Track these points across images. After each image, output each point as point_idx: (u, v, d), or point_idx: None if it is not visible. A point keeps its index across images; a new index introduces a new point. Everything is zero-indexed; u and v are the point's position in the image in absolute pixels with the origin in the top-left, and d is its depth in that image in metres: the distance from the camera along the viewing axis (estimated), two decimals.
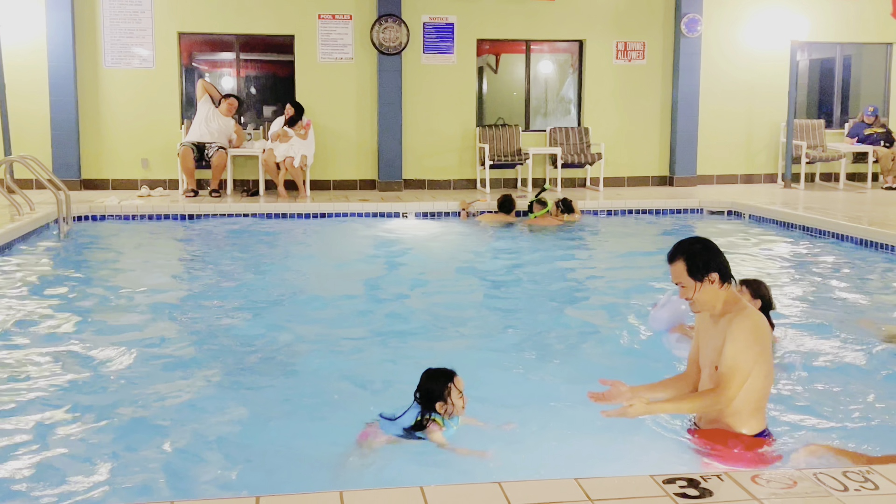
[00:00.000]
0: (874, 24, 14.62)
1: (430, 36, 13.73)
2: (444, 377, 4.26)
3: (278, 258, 9.39)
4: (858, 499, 2.96)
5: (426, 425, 4.17)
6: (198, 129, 12.71)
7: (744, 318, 3.89)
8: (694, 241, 4.09)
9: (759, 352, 3.86)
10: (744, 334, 3.84)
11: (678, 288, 4.07)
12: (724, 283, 3.97)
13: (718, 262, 4.00)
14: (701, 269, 3.96)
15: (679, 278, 4.00)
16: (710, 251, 4.03)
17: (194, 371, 5.43)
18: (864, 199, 12.50)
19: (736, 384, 3.81)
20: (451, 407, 4.21)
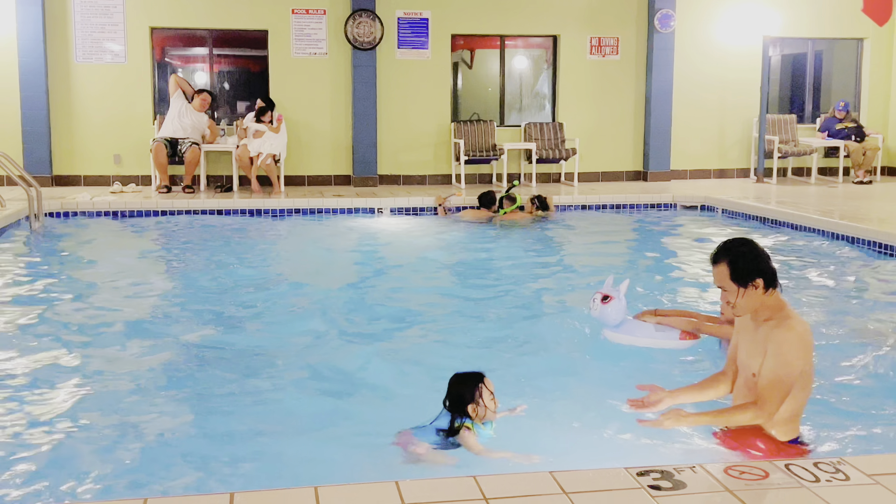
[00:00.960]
0: (845, 20, 14.75)
1: (405, 31, 13.71)
2: (474, 379, 4.11)
3: (252, 254, 9.34)
4: (830, 489, 2.99)
5: (459, 431, 4.00)
6: (171, 125, 12.63)
7: (788, 329, 3.70)
8: (740, 244, 3.90)
9: (802, 365, 3.71)
10: (788, 346, 3.68)
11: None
12: (768, 289, 3.80)
13: (764, 267, 3.81)
14: (745, 274, 3.79)
15: (721, 282, 3.84)
16: (757, 255, 3.84)
17: (164, 368, 5.39)
18: (836, 194, 12.62)
19: (778, 399, 3.68)
20: (482, 409, 4.05)
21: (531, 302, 7.31)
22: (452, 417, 4.05)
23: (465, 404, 4.05)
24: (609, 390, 4.85)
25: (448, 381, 4.16)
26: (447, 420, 4.06)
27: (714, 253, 3.90)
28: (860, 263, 8.57)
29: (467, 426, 4.01)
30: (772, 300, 3.83)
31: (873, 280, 7.94)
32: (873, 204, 11.37)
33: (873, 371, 5.25)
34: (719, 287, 3.88)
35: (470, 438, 3.98)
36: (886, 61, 15.10)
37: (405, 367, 5.51)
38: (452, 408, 4.08)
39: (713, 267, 3.89)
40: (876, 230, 9.07)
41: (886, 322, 6.41)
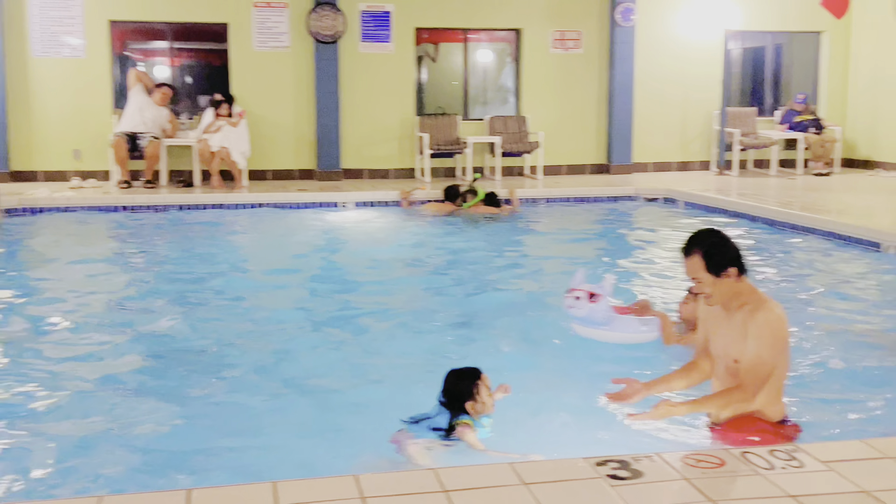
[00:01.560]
0: (804, 14, 14.91)
1: (368, 24, 13.65)
2: (472, 376, 4.06)
3: (214, 250, 9.27)
4: (784, 476, 3.02)
5: (457, 428, 3.94)
6: (131, 119, 12.48)
7: (767, 312, 3.78)
8: (711, 235, 3.94)
9: (782, 346, 3.82)
10: (769, 330, 3.76)
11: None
12: (740, 276, 3.86)
13: (736, 255, 3.87)
14: (719, 264, 3.83)
15: (695, 273, 3.86)
16: (728, 244, 3.90)
17: (122, 364, 5.34)
18: (796, 185, 12.77)
19: (761, 381, 3.76)
20: (480, 406, 4.01)
21: (495, 294, 7.32)
22: (451, 415, 3.98)
23: (463, 401, 4.00)
24: (573, 382, 4.89)
25: (444, 378, 4.09)
26: (445, 418, 3.99)
27: (685, 245, 3.92)
28: (819, 254, 8.68)
29: (466, 423, 3.96)
30: (744, 286, 3.89)
31: (830, 270, 8.05)
32: (832, 195, 11.52)
33: (828, 359, 5.32)
34: (693, 279, 3.90)
35: (471, 436, 3.92)
36: (844, 54, 15.29)
37: (370, 360, 5.51)
38: (450, 405, 4.01)
39: (686, 259, 3.90)
40: (835, 221, 9.20)
41: (843, 311, 6.50)
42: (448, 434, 3.95)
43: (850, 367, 5.18)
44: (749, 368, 3.76)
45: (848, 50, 15.28)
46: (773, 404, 3.88)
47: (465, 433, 3.93)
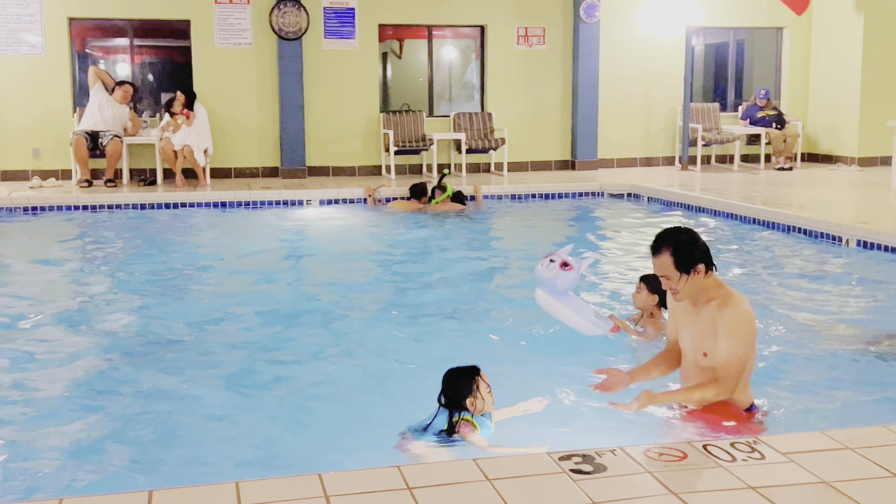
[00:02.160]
0: (765, 10, 15.05)
1: (331, 21, 13.59)
2: (470, 372, 4.02)
3: (177, 249, 9.19)
4: (745, 468, 3.04)
5: (457, 428, 3.90)
6: (91, 118, 12.33)
7: (735, 307, 3.88)
8: (679, 232, 4.00)
9: (753, 339, 3.93)
10: (740, 326, 3.86)
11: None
12: (707, 272, 3.94)
13: (704, 252, 3.94)
14: (688, 261, 3.90)
15: (665, 271, 3.93)
16: (696, 241, 3.96)
17: (84, 364, 5.27)
18: (758, 180, 12.89)
19: (738, 375, 3.87)
20: (480, 402, 3.96)
21: (463, 290, 7.33)
22: (450, 413, 3.94)
23: (462, 398, 3.96)
24: (541, 377, 4.89)
25: (442, 378, 4.05)
26: (445, 417, 3.95)
27: (654, 244, 3.98)
28: (781, 247, 8.77)
29: (467, 419, 3.92)
30: (710, 282, 3.97)
31: (792, 263, 8.14)
32: (794, 190, 11.65)
33: (788, 351, 5.38)
34: (662, 276, 3.96)
35: (473, 434, 3.89)
36: (805, 50, 15.46)
37: (335, 359, 5.48)
38: (450, 404, 3.97)
39: (655, 257, 3.96)
40: (796, 215, 9.30)
41: (804, 304, 6.58)
42: (450, 433, 3.90)
43: (810, 359, 5.24)
44: (724, 365, 3.86)
45: (809, 46, 15.45)
46: (742, 392, 4.00)
47: (467, 432, 3.90)
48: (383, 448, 3.94)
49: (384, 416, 4.46)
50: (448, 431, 3.91)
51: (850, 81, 14.65)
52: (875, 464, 3.08)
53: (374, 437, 4.18)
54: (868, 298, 6.81)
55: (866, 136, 14.54)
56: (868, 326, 6.01)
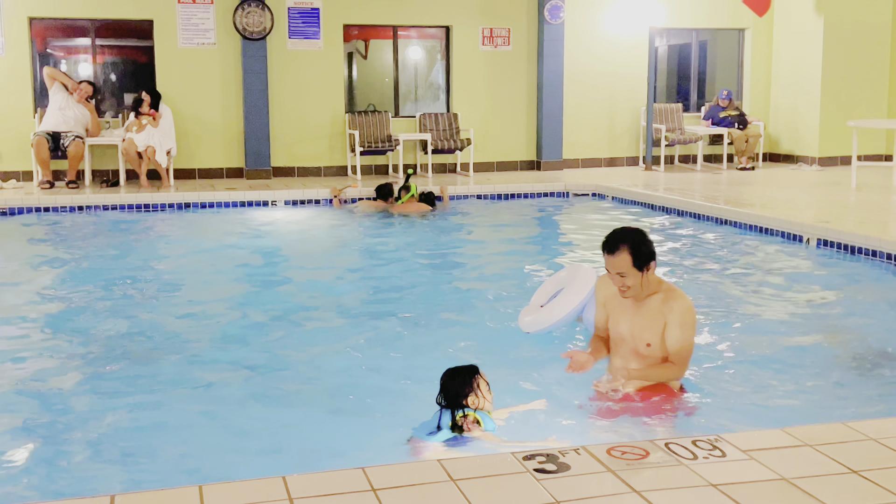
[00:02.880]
0: (727, 11, 15.22)
1: (296, 21, 13.53)
2: (470, 371, 4.04)
3: (141, 251, 9.11)
4: (707, 466, 3.08)
5: (465, 426, 3.89)
6: (52, 118, 12.18)
7: (682, 300, 4.23)
8: (634, 232, 4.21)
9: (696, 327, 4.40)
10: (689, 315, 4.24)
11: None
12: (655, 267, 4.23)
13: (654, 249, 4.21)
14: (644, 259, 4.14)
15: (623, 268, 4.12)
16: (649, 240, 4.21)
17: (45, 368, 5.21)
18: (720, 180, 13.03)
19: (690, 356, 4.31)
20: (481, 400, 3.98)
21: (428, 290, 7.33)
22: (452, 413, 3.93)
23: (464, 397, 3.97)
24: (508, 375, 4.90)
25: (441, 378, 4.04)
26: (449, 417, 3.93)
27: (611, 243, 4.15)
28: (743, 246, 8.87)
29: (470, 415, 3.93)
30: (653, 277, 4.27)
31: (754, 262, 8.24)
32: (755, 189, 11.78)
33: (749, 349, 5.44)
34: (619, 274, 4.15)
35: (481, 430, 3.91)
36: (766, 51, 15.65)
37: (301, 361, 5.46)
38: (451, 403, 3.97)
39: (612, 256, 4.13)
40: (758, 214, 9.41)
41: (765, 302, 6.66)
42: (457, 432, 3.90)
43: (771, 357, 5.31)
44: (680, 350, 4.22)
45: (770, 47, 15.63)
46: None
47: (474, 429, 3.91)
48: (346, 453, 3.94)
49: (350, 420, 4.45)
50: (455, 430, 3.91)
51: (811, 82, 14.85)
52: (834, 460, 3.13)
53: (340, 441, 4.18)
54: (828, 296, 6.90)
55: (827, 137, 14.75)
56: (827, 324, 6.10)
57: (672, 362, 4.24)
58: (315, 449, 4.11)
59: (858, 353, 5.38)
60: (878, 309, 6.47)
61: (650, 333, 4.24)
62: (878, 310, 6.44)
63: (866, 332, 5.86)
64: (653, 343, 4.24)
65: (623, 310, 4.32)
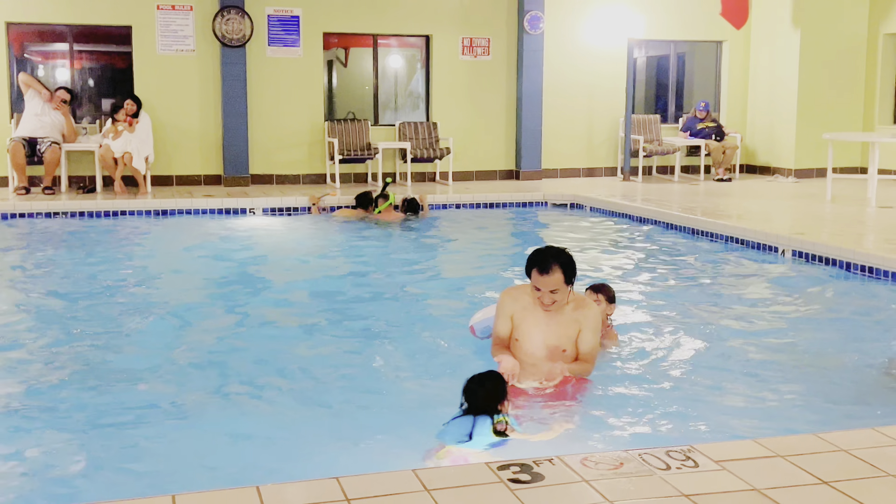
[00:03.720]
0: (705, 24, 15.34)
1: (275, 28, 13.53)
2: (497, 376, 4.14)
3: (118, 258, 9.06)
4: (680, 476, 3.10)
5: (506, 430, 3.96)
6: (29, 124, 12.11)
7: (592, 306, 4.82)
8: (562, 251, 4.62)
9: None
10: (598, 319, 4.79)
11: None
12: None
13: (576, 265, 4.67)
14: (572, 275, 4.62)
15: (556, 285, 4.53)
16: (573, 258, 4.65)
17: (18, 381, 5.17)
18: (698, 191, 13.12)
19: (596, 356, 4.81)
20: (509, 405, 4.11)
21: (405, 299, 7.33)
22: (491, 418, 3.97)
23: (499, 402, 4.04)
24: None
25: (469, 385, 4.07)
26: (487, 423, 3.95)
27: (545, 263, 4.52)
28: (719, 257, 8.93)
29: (504, 420, 3.98)
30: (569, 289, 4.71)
31: (729, 272, 8.29)
32: (732, 200, 11.87)
33: (722, 360, 5.48)
34: (552, 291, 4.53)
35: (516, 433, 4.03)
36: (743, 63, 15.79)
37: (277, 367, 5.44)
38: (488, 409, 4.00)
39: (545, 275, 4.50)
40: (734, 225, 9.48)
41: (740, 313, 6.70)
42: (502, 436, 3.95)
43: (743, 368, 5.34)
44: (591, 350, 4.74)
45: (747, 59, 15.77)
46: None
47: (512, 430, 4.02)
48: (320, 462, 3.94)
49: (325, 428, 4.45)
50: (500, 435, 3.95)
51: (787, 94, 14.99)
52: (805, 471, 3.15)
53: (315, 449, 4.17)
54: (802, 308, 6.96)
55: (803, 149, 14.89)
56: (800, 335, 6.15)
57: (586, 361, 4.72)
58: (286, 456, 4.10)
59: (831, 364, 5.42)
60: (851, 320, 6.53)
61: (566, 340, 4.68)
62: (852, 321, 6.50)
63: (840, 343, 5.91)
64: (568, 349, 4.69)
65: (536, 321, 4.69)
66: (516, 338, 4.78)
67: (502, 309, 4.81)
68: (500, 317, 4.82)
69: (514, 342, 4.80)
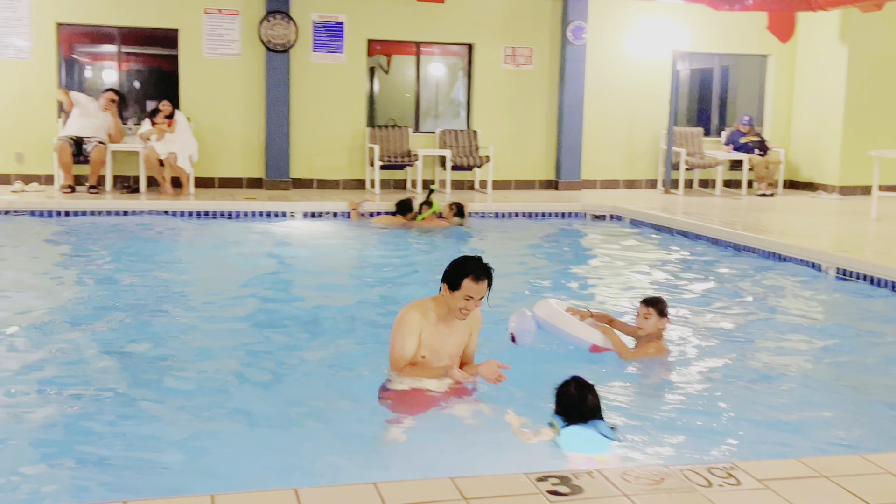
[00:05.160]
0: (750, 37, 15.21)
1: (320, 34, 13.62)
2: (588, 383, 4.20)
3: (159, 257, 9.15)
4: (721, 494, 3.06)
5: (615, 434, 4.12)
6: (76, 123, 12.29)
7: (478, 310, 4.86)
8: (484, 261, 4.67)
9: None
10: (481, 322, 4.96)
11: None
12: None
13: None
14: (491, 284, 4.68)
15: (483, 293, 4.62)
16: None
17: (65, 373, 5.23)
18: (739, 206, 12.98)
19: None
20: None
21: None
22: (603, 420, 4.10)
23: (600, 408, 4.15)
24: (519, 394, 4.89)
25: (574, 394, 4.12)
26: (604, 425, 4.07)
27: (482, 272, 4.59)
28: (760, 273, 8.82)
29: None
30: None
31: (770, 289, 8.19)
32: (774, 216, 11.74)
33: (765, 377, 5.41)
34: (479, 298, 4.63)
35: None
36: (789, 78, 15.62)
37: (315, 371, 5.46)
38: (598, 414, 4.10)
39: (480, 283, 4.58)
40: (776, 241, 9.36)
41: (782, 330, 6.61)
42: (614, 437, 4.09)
43: (786, 386, 5.27)
44: (473, 351, 4.92)
45: (793, 73, 15.61)
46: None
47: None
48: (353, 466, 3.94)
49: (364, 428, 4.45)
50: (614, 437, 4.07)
51: (833, 110, 14.80)
52: (849, 492, 3.10)
53: (352, 452, 4.17)
54: (845, 327, 6.85)
55: (848, 165, 14.69)
56: (845, 355, 6.06)
57: (470, 361, 4.89)
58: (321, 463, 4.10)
59: (875, 384, 5.33)
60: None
61: (460, 348, 4.84)
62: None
63: (884, 363, 5.81)
64: (461, 354, 4.86)
65: (440, 334, 4.73)
66: (423, 354, 4.72)
67: (412, 327, 4.70)
68: (409, 335, 4.69)
69: (419, 359, 4.73)
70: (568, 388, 4.15)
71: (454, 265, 4.66)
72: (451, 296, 4.62)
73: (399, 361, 4.73)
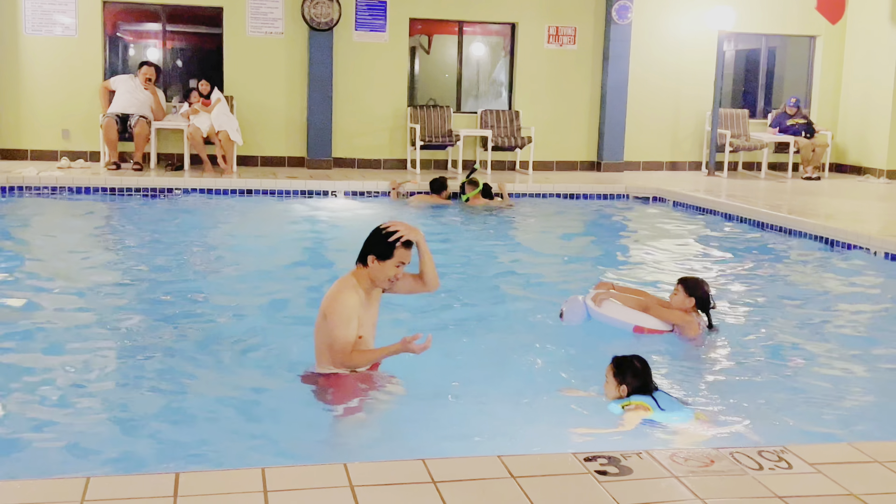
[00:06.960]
0: (799, 18, 14.95)
1: (363, 13, 13.60)
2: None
3: (202, 234, 9.23)
4: (772, 477, 3.02)
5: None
6: (121, 100, 12.40)
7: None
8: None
9: None
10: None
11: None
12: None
13: None
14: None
15: (409, 259, 4.54)
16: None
17: (108, 349, 5.30)
18: (785, 189, 12.81)
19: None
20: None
21: (485, 286, 7.31)
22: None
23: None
24: (560, 375, 4.88)
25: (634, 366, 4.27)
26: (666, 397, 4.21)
27: (406, 241, 4.49)
28: (807, 257, 8.71)
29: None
30: None
31: (817, 273, 8.08)
32: (821, 199, 11.57)
33: (814, 362, 5.34)
34: (404, 263, 4.53)
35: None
36: (837, 60, 15.34)
37: None
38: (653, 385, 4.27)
39: (409, 249, 4.51)
40: (823, 225, 9.22)
41: (830, 314, 6.53)
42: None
43: (837, 370, 5.20)
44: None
45: (841, 55, 15.32)
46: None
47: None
48: (407, 445, 3.95)
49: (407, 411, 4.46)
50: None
51: (882, 93, 14.51)
52: None
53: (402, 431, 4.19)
54: (894, 311, 6.74)
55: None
56: (895, 340, 5.96)
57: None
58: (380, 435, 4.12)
59: None
60: None
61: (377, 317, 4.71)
62: None
63: None
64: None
65: (370, 311, 4.61)
66: (360, 335, 4.52)
67: (353, 309, 4.47)
68: (350, 320, 4.46)
69: (358, 340, 4.52)
70: (634, 364, 4.25)
71: (379, 236, 4.53)
72: (381, 266, 4.49)
73: (346, 349, 4.46)
